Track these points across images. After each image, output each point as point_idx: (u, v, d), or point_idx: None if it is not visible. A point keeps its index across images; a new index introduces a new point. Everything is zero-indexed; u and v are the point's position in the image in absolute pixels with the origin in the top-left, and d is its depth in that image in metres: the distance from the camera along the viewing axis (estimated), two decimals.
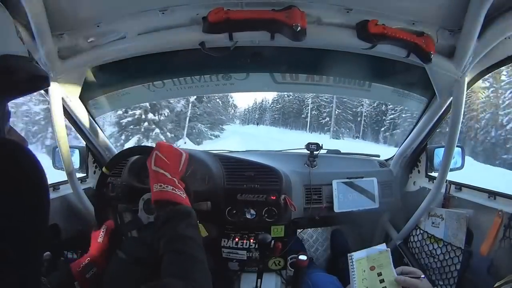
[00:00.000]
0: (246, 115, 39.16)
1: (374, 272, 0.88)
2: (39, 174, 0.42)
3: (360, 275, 0.88)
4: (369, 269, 0.89)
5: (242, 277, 1.32)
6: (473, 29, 0.95)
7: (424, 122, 1.41)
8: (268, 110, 35.53)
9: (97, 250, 0.92)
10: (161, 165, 0.79)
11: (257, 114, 37.44)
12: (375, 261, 0.90)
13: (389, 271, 0.86)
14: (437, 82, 1.18)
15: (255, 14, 0.97)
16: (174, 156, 0.83)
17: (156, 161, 0.80)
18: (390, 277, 0.85)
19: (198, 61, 1.35)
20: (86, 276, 0.86)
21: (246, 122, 38.07)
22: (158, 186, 0.74)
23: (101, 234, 0.94)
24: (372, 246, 0.94)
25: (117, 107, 1.57)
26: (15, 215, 0.38)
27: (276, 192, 1.29)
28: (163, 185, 0.74)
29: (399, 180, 1.64)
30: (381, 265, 0.88)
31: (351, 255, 0.91)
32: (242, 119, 38.47)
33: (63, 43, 1.04)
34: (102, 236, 0.94)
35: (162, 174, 0.77)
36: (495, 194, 1.18)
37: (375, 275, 0.87)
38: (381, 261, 0.89)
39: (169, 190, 0.74)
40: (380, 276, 0.87)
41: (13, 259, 0.37)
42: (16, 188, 0.39)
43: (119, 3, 0.98)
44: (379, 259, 0.90)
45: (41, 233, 0.42)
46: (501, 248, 1.10)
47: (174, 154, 0.84)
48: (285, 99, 31.46)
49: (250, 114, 38.84)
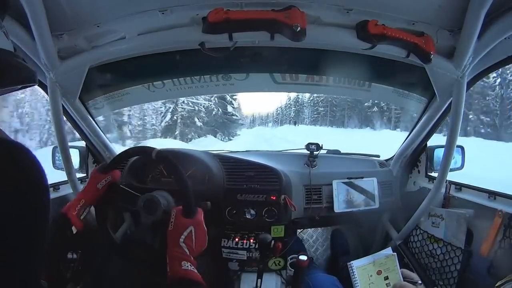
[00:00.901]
0: (279, 114, 31.96)
1: (381, 277, 0.89)
2: (38, 174, 0.42)
3: (366, 281, 0.89)
4: (376, 273, 0.90)
5: (242, 277, 1.32)
6: (473, 29, 0.96)
7: (424, 122, 1.41)
8: (307, 106, 28.96)
9: (94, 195, 0.94)
10: (188, 245, 0.78)
11: (293, 111, 30.56)
12: (382, 265, 0.91)
13: (395, 274, 0.88)
14: (437, 82, 1.18)
15: (255, 14, 0.97)
16: (201, 245, 0.82)
17: (187, 238, 0.78)
18: (396, 281, 0.86)
19: (198, 61, 1.35)
20: (80, 217, 0.89)
21: (278, 122, 31.12)
22: (188, 265, 0.73)
23: (103, 182, 0.95)
24: (372, 246, 0.95)
25: (117, 107, 1.57)
26: (15, 215, 0.38)
27: (276, 192, 1.29)
28: (191, 265, 0.74)
29: (399, 180, 1.64)
30: (388, 269, 0.90)
31: (351, 263, 0.91)
32: (274, 119, 31.40)
33: (63, 43, 1.04)
34: (103, 184, 0.95)
35: (187, 254, 0.76)
36: (495, 194, 1.18)
37: (382, 279, 0.89)
38: (388, 265, 0.90)
39: (195, 271, 0.74)
40: (387, 280, 0.88)
41: (13, 259, 0.37)
42: (15, 188, 0.39)
43: (119, 3, 0.98)
44: (386, 263, 0.91)
45: (41, 233, 0.42)
46: (501, 248, 1.10)
47: (202, 242, 0.82)
48: None
49: (284, 112, 31.60)
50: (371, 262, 0.92)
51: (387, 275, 0.89)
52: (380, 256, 0.92)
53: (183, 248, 0.76)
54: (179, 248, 0.76)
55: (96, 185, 0.95)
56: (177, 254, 0.75)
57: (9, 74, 0.48)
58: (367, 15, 1.00)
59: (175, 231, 0.79)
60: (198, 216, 0.84)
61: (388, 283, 0.88)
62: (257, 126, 25.99)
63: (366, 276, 0.90)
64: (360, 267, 0.91)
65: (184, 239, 0.78)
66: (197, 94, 1.57)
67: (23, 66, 0.51)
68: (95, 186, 0.95)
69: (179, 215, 0.82)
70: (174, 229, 0.80)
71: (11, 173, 0.39)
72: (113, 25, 1.04)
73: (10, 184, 0.38)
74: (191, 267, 0.73)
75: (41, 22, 0.91)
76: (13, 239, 0.38)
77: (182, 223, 0.81)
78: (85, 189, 0.95)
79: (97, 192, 0.95)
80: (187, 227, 0.80)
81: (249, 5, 0.99)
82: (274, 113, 31.08)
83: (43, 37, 0.95)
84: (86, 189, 0.95)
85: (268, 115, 30.41)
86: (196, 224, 0.82)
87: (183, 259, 0.74)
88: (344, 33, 1.04)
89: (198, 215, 0.85)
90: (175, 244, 0.77)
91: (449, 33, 1.05)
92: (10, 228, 0.37)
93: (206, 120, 20.53)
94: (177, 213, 0.83)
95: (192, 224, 0.81)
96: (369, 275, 0.90)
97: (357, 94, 1.62)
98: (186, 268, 0.73)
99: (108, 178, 0.97)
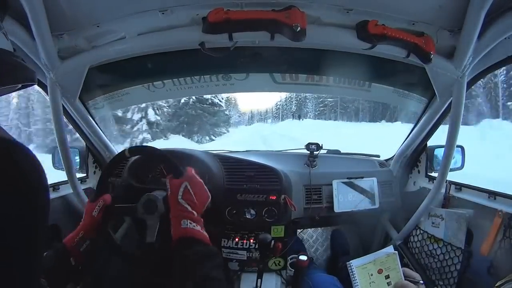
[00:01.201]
0: (279, 109, 28.05)
1: (382, 275, 0.89)
2: (38, 174, 0.42)
3: (367, 280, 0.89)
4: (377, 272, 0.90)
5: (242, 277, 1.32)
6: (473, 29, 0.95)
7: (424, 122, 1.41)
8: (311, 99, 25.39)
9: (91, 224, 0.92)
10: (189, 200, 0.77)
11: (294, 105, 27.39)
12: (383, 264, 0.91)
13: (396, 273, 0.88)
14: (437, 82, 1.18)
15: (255, 14, 0.97)
16: (202, 197, 0.82)
17: (185, 194, 0.78)
18: (397, 280, 0.86)
19: (198, 61, 1.35)
20: (80, 250, 0.88)
21: (278, 118, 27.73)
22: (188, 222, 0.72)
23: (97, 208, 0.94)
24: (373, 246, 0.95)
25: (117, 107, 1.57)
26: (15, 215, 0.38)
27: (276, 192, 1.29)
28: (193, 222, 0.73)
29: (399, 180, 1.64)
30: (389, 268, 0.89)
31: (350, 263, 0.91)
32: (275, 115, 27.25)
33: (63, 43, 1.04)
34: (97, 210, 0.94)
35: (189, 210, 0.76)
36: (495, 194, 1.18)
37: (383, 278, 0.89)
38: (389, 264, 0.90)
39: (198, 229, 0.73)
40: (388, 278, 0.88)
41: (12, 259, 0.37)
42: (15, 188, 0.39)
43: (119, 3, 0.98)
44: (387, 262, 0.91)
45: (41, 233, 0.42)
46: (501, 248, 1.10)
47: (202, 194, 0.83)
48: None
49: (284, 107, 27.80)
50: (372, 261, 0.91)
51: (388, 274, 0.89)
52: (380, 254, 0.92)
53: (183, 204, 0.76)
54: (179, 205, 0.76)
55: (91, 215, 0.94)
56: (177, 213, 0.74)
57: (8, 74, 0.48)
58: (367, 15, 1.00)
59: (172, 193, 0.80)
60: (188, 172, 0.85)
61: (389, 282, 0.88)
62: (256, 123, 23.62)
63: (366, 275, 0.90)
64: (359, 267, 0.91)
65: (182, 195, 0.78)
66: (197, 94, 1.57)
67: (22, 66, 0.51)
68: (90, 216, 0.94)
69: (171, 179, 0.83)
70: (171, 192, 0.80)
71: (10, 172, 0.39)
72: (113, 25, 1.04)
73: (9, 183, 0.38)
74: (191, 225, 0.72)
75: (41, 22, 0.91)
76: (12, 239, 0.38)
77: (175, 183, 0.81)
78: (83, 222, 0.94)
79: (94, 220, 0.93)
80: (181, 184, 0.80)
81: (249, 5, 0.99)
82: (274, 108, 27.40)
83: (43, 37, 0.95)
84: (83, 221, 0.94)
85: (268, 111, 27.38)
86: (188, 179, 0.82)
87: (183, 216, 0.74)
88: (344, 33, 1.04)
89: (187, 171, 0.85)
90: (174, 204, 0.77)
91: (449, 33, 1.05)
92: (9, 228, 0.37)
93: (170, 112, 14.26)
94: (169, 179, 0.84)
95: (184, 180, 0.81)
96: (370, 274, 0.90)
97: (357, 94, 1.62)
98: (186, 226, 0.72)
99: (100, 204, 0.96)
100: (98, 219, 0.94)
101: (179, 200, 0.77)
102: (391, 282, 0.87)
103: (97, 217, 0.94)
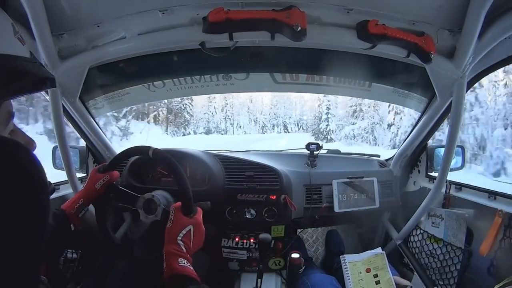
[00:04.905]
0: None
1: (370, 274, 0.90)
2: (38, 173, 0.42)
3: (356, 277, 0.91)
4: (365, 271, 0.91)
5: (242, 277, 1.32)
6: (473, 29, 0.96)
7: (424, 122, 1.41)
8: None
9: (91, 194, 0.96)
10: (186, 243, 0.78)
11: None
12: (371, 263, 0.92)
13: (385, 272, 0.89)
14: (437, 82, 1.18)
15: (255, 14, 0.97)
16: (198, 243, 0.82)
17: (185, 236, 0.78)
18: (385, 278, 0.87)
19: (198, 61, 1.35)
20: (79, 216, 0.92)
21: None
22: (185, 262, 0.73)
23: (101, 181, 0.97)
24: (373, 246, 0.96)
25: (117, 107, 1.56)
26: (15, 214, 0.38)
27: (276, 192, 1.29)
28: (187, 262, 0.74)
29: (399, 180, 1.64)
30: (377, 267, 0.91)
31: (344, 256, 0.93)
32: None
33: (63, 43, 1.05)
34: (101, 184, 0.97)
35: (184, 252, 0.76)
36: (495, 194, 1.18)
37: (371, 276, 0.90)
38: (377, 263, 0.91)
39: (191, 268, 0.73)
40: (376, 277, 0.89)
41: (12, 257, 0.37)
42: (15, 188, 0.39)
43: (119, 3, 0.98)
44: (375, 261, 0.92)
45: (41, 232, 0.42)
46: (501, 248, 1.10)
47: (199, 241, 0.82)
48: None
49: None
50: (361, 260, 0.93)
51: (376, 273, 0.90)
52: (368, 254, 0.93)
53: (180, 245, 0.76)
54: (176, 245, 0.76)
55: (94, 185, 0.96)
56: (174, 251, 0.75)
57: (28, 80, 0.49)
58: (367, 15, 1.00)
59: (174, 228, 0.79)
60: (197, 216, 0.84)
61: (378, 280, 0.89)
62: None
63: (356, 272, 0.91)
64: (351, 262, 0.92)
65: (182, 237, 0.78)
66: (197, 94, 1.57)
67: (42, 71, 0.52)
68: (93, 185, 0.96)
69: (178, 213, 0.82)
70: (173, 226, 0.80)
71: (10, 171, 0.39)
72: (113, 25, 1.04)
73: (9, 183, 0.38)
74: (187, 264, 0.73)
75: (41, 22, 0.91)
76: (13, 238, 0.38)
77: (182, 221, 0.80)
78: (84, 188, 0.97)
79: (95, 191, 0.96)
80: (186, 225, 0.80)
81: (250, 5, 0.99)
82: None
83: (43, 37, 0.95)
84: (84, 189, 0.97)
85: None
86: (195, 224, 0.82)
87: (180, 255, 0.74)
88: (344, 33, 1.04)
89: (197, 215, 0.84)
90: (173, 242, 0.77)
91: (450, 33, 1.05)
92: (10, 227, 0.37)
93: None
94: (176, 210, 0.82)
95: (191, 223, 0.81)
96: (359, 272, 0.91)
97: (357, 94, 1.62)
98: (183, 264, 0.73)
99: (106, 178, 0.98)
100: (100, 192, 0.97)
101: (178, 241, 0.77)
102: (379, 281, 0.88)
103: (99, 190, 0.96)
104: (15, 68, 0.47)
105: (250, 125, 20.65)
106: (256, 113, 21.01)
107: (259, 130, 20.51)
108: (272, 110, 21.18)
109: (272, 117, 21.10)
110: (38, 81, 0.51)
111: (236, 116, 20.41)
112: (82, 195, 0.95)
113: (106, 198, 0.99)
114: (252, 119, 20.83)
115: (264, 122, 20.95)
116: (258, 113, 21.11)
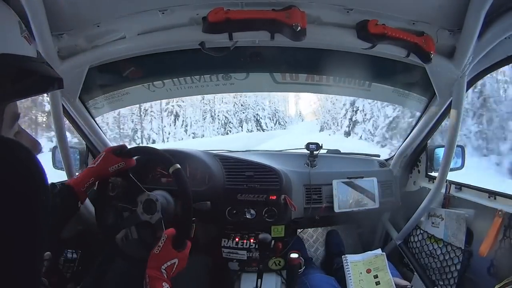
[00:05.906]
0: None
1: (370, 275, 0.91)
2: (38, 173, 0.42)
3: (357, 277, 0.91)
4: (365, 271, 0.92)
5: (242, 277, 1.32)
6: (473, 29, 0.96)
7: (424, 122, 1.41)
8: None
9: (102, 175, 0.93)
10: (168, 272, 0.80)
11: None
12: (371, 264, 0.92)
13: (385, 273, 0.89)
14: (437, 82, 1.18)
15: (255, 14, 0.97)
16: (175, 272, 0.83)
17: (169, 267, 0.80)
18: (385, 279, 0.87)
19: (198, 61, 1.35)
20: (87, 193, 0.91)
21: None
22: (167, 286, 0.76)
23: (116, 166, 0.94)
24: (373, 246, 0.96)
25: (117, 107, 1.56)
26: (15, 214, 0.38)
27: (276, 192, 1.29)
28: (169, 286, 0.77)
29: (399, 180, 1.64)
30: (377, 268, 0.91)
31: (345, 256, 0.93)
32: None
33: (63, 43, 1.04)
34: (115, 168, 0.94)
35: (165, 278, 0.78)
36: (495, 194, 1.18)
37: (371, 277, 0.90)
38: (377, 264, 0.92)
39: None
40: (376, 278, 0.90)
41: (13, 257, 0.37)
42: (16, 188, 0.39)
43: (119, 3, 0.98)
44: (375, 262, 0.92)
45: (42, 232, 0.42)
46: (501, 248, 1.10)
47: (179, 270, 0.84)
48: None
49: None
50: (361, 260, 0.93)
51: (376, 273, 0.91)
52: (369, 255, 0.94)
53: (162, 273, 0.78)
54: (160, 272, 0.78)
55: (108, 167, 0.93)
56: (158, 276, 0.77)
57: (35, 81, 0.48)
58: (367, 15, 1.00)
59: (161, 257, 0.81)
60: (186, 250, 0.85)
61: (378, 281, 0.89)
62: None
63: (357, 272, 0.92)
64: (353, 262, 0.93)
65: (166, 267, 0.79)
66: (197, 94, 1.57)
67: (50, 72, 0.51)
68: (107, 167, 0.93)
69: (168, 243, 0.83)
70: (160, 255, 0.81)
71: (11, 172, 0.39)
72: (113, 25, 1.04)
73: (10, 183, 0.38)
74: None
75: (41, 22, 0.91)
76: (13, 238, 0.38)
77: (170, 253, 0.82)
78: (96, 167, 0.92)
79: (107, 173, 0.94)
80: (173, 258, 0.81)
81: (249, 5, 0.99)
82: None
83: (43, 37, 0.95)
84: (97, 168, 0.92)
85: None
86: (181, 259, 0.83)
87: (164, 281, 0.77)
88: (344, 32, 1.04)
89: (186, 249, 0.85)
90: (156, 268, 0.79)
91: (449, 33, 1.05)
92: (10, 227, 0.37)
93: None
94: (167, 240, 0.83)
95: (178, 257, 0.82)
96: (359, 272, 0.92)
97: (357, 94, 1.62)
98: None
99: (121, 164, 0.95)
100: (112, 175, 0.95)
101: (161, 270, 0.79)
102: (379, 282, 0.89)
103: (111, 173, 0.94)
104: (22, 68, 0.46)
105: (205, 122, 14.30)
106: (214, 103, 14.17)
107: (219, 129, 14.57)
108: (238, 99, 14.67)
109: (239, 109, 14.95)
110: (46, 82, 0.50)
111: (182, 110, 13.46)
112: (93, 174, 0.91)
113: (106, 198, 0.99)
114: (208, 113, 14.32)
115: (227, 117, 14.77)
116: (217, 103, 14.28)
